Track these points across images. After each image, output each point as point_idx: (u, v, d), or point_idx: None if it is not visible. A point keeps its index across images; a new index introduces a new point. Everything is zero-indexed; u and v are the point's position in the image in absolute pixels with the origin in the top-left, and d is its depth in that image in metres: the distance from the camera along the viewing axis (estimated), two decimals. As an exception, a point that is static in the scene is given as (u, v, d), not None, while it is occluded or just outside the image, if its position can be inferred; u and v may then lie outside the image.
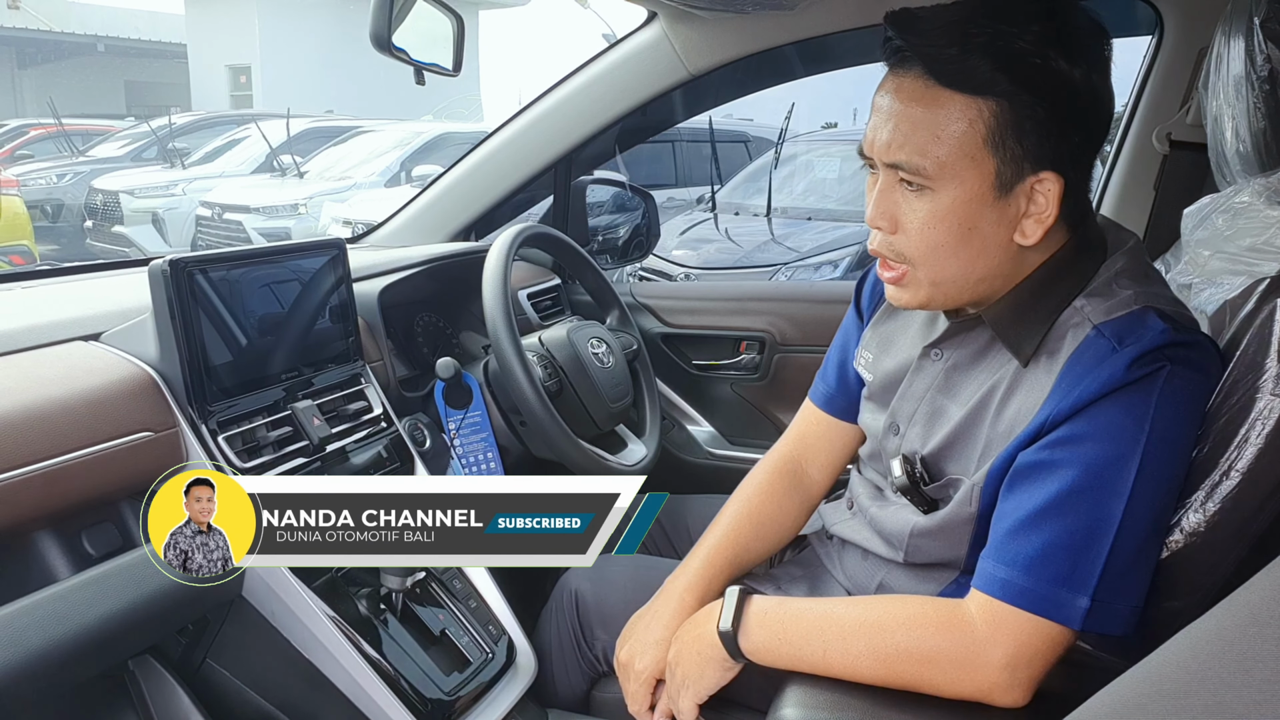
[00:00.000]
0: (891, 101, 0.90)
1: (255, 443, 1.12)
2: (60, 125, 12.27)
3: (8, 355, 1.02)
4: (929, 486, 0.98)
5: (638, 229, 2.04)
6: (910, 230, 0.91)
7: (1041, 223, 0.89)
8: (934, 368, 1.01)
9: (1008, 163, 0.87)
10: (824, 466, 1.24)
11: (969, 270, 0.92)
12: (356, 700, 1.08)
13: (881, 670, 0.88)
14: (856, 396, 1.17)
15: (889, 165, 0.91)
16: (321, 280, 1.27)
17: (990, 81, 0.85)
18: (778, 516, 1.20)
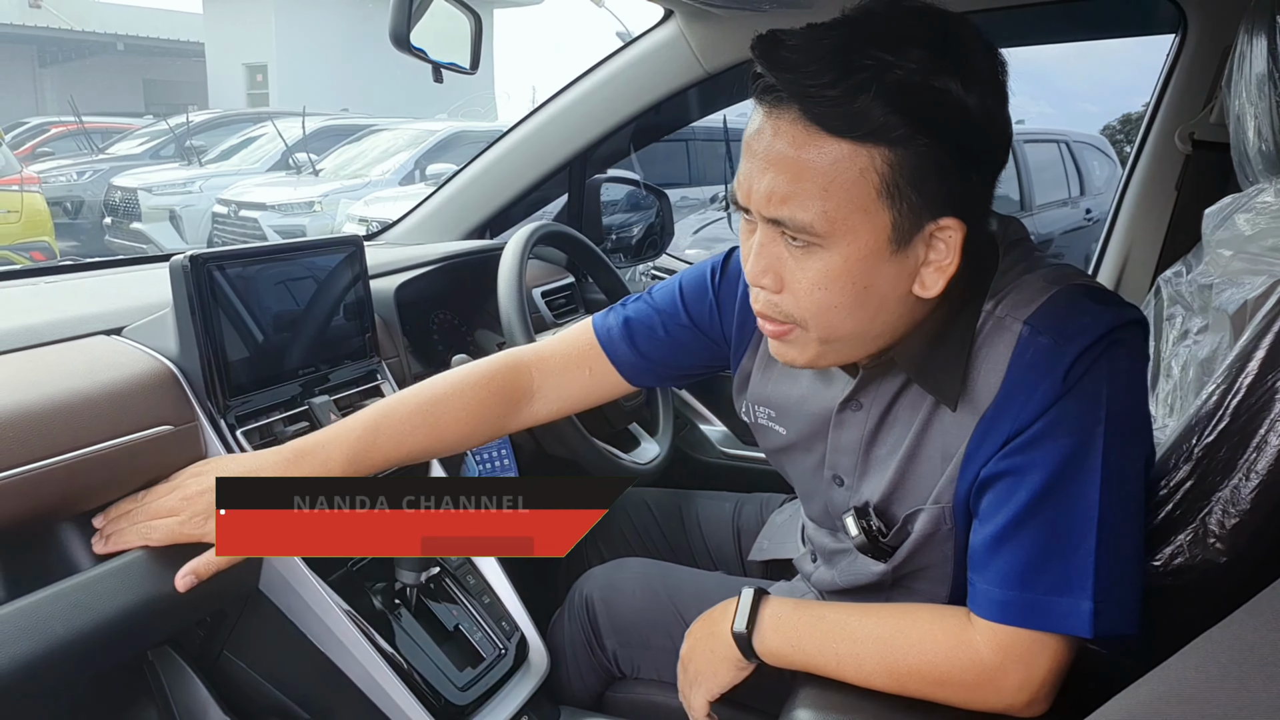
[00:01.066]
0: (769, 145, 0.78)
1: (273, 437, 1.13)
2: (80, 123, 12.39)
3: (33, 349, 1.03)
4: (887, 538, 0.93)
5: (651, 227, 2.04)
6: (799, 291, 0.82)
7: (943, 271, 0.81)
8: (857, 419, 0.94)
9: (904, 214, 0.78)
10: (557, 404, 1.15)
11: (865, 328, 0.84)
12: (371, 694, 1.09)
13: (895, 686, 0.87)
14: (654, 368, 1.12)
15: (769, 220, 0.81)
16: (339, 277, 1.28)
17: (883, 127, 0.74)
18: (463, 436, 1.10)
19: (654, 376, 1.15)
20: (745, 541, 1.41)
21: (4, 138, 8.94)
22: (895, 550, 0.93)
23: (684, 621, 1.08)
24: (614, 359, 1.13)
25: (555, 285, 1.84)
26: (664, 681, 1.18)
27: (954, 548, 0.90)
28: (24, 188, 8.32)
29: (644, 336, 1.12)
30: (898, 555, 0.93)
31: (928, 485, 0.89)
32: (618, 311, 1.14)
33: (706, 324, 1.09)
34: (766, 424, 1.05)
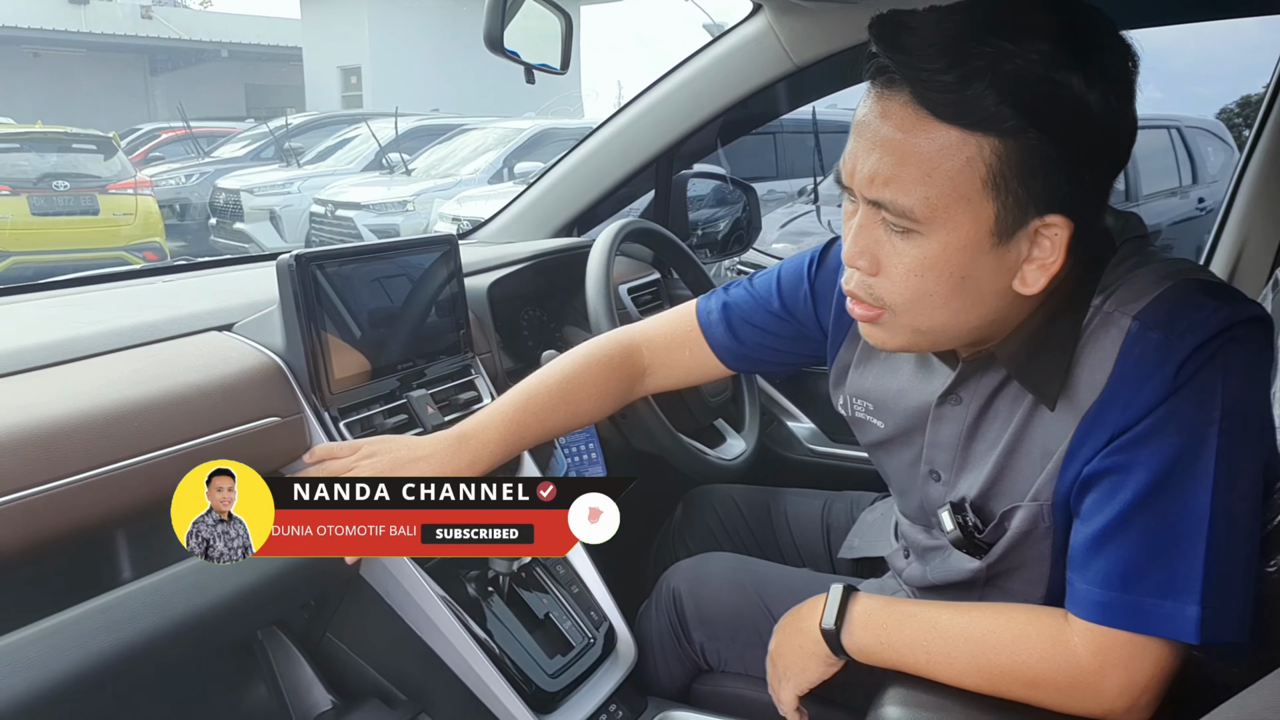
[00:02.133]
0: (877, 126, 0.78)
1: (373, 429, 1.17)
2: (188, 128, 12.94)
3: (152, 344, 1.09)
4: (982, 534, 0.91)
5: (738, 222, 2.04)
6: (894, 276, 0.81)
7: (1046, 270, 0.79)
8: (956, 413, 0.93)
9: (1009, 207, 0.76)
10: (666, 380, 1.21)
11: (960, 320, 0.82)
12: (465, 678, 1.13)
13: (986, 686, 0.85)
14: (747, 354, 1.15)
15: (871, 202, 0.80)
16: (434, 275, 1.32)
17: (994, 117, 0.73)
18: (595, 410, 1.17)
19: (747, 362, 1.18)
20: (835, 539, 1.41)
21: (120, 144, 9.42)
22: (990, 547, 0.91)
23: (771, 616, 1.08)
24: (711, 341, 1.16)
25: (641, 282, 1.86)
26: (751, 676, 1.19)
27: (1051, 546, 0.88)
28: (138, 191, 8.77)
29: (740, 322, 1.14)
30: (993, 552, 0.91)
31: (1026, 482, 0.87)
32: (719, 295, 1.17)
33: (802, 314, 1.10)
34: (864, 417, 1.04)
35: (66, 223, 8.27)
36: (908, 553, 1.07)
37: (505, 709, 1.11)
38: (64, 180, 8.35)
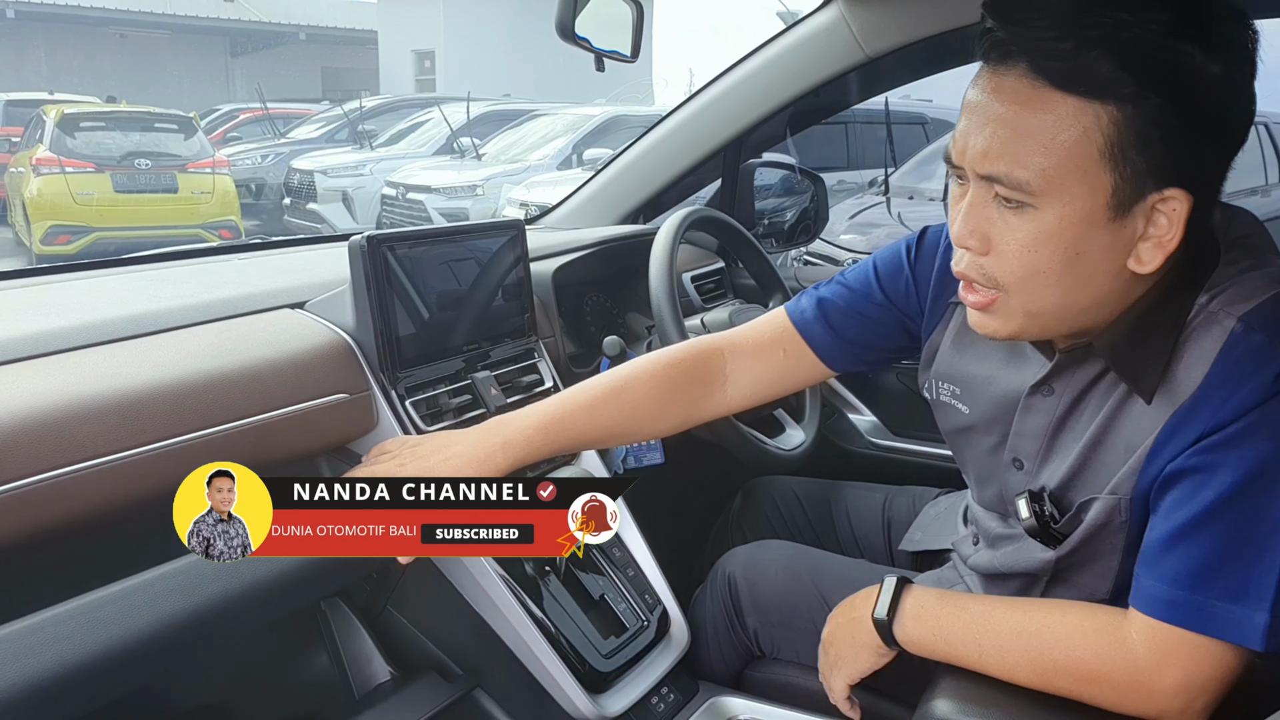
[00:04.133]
0: (990, 103, 0.78)
1: (438, 408, 1.20)
2: (266, 109, 13.24)
3: (227, 319, 1.13)
4: (1059, 524, 0.90)
5: (805, 212, 2.02)
6: (1006, 253, 0.80)
7: (1162, 247, 0.77)
8: (1046, 404, 0.92)
9: (1127, 179, 0.75)
10: (751, 389, 1.13)
11: (1072, 300, 0.81)
12: (521, 655, 1.15)
13: (1039, 681, 0.85)
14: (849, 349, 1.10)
15: (984, 177, 0.79)
16: (501, 259, 1.33)
17: (1112, 83, 0.73)
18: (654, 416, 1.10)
19: (850, 359, 1.13)
20: (895, 533, 1.40)
21: (200, 124, 9.69)
22: (1064, 538, 0.91)
23: (826, 605, 1.08)
24: (810, 340, 1.11)
25: (705, 270, 1.86)
26: (803, 664, 1.19)
27: (1124, 542, 0.87)
28: (215, 170, 9.02)
29: (839, 316, 1.10)
30: (1066, 544, 0.90)
31: (1107, 474, 0.86)
32: (810, 294, 1.13)
33: (903, 300, 1.07)
34: (949, 401, 1.03)
35: (147, 200, 8.55)
36: (978, 539, 1.07)
37: (559, 687, 1.13)
38: (146, 159, 8.63)
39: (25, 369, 0.93)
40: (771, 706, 1.17)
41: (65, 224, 8.17)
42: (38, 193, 8.23)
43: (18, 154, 9.40)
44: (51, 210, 8.18)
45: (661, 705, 1.20)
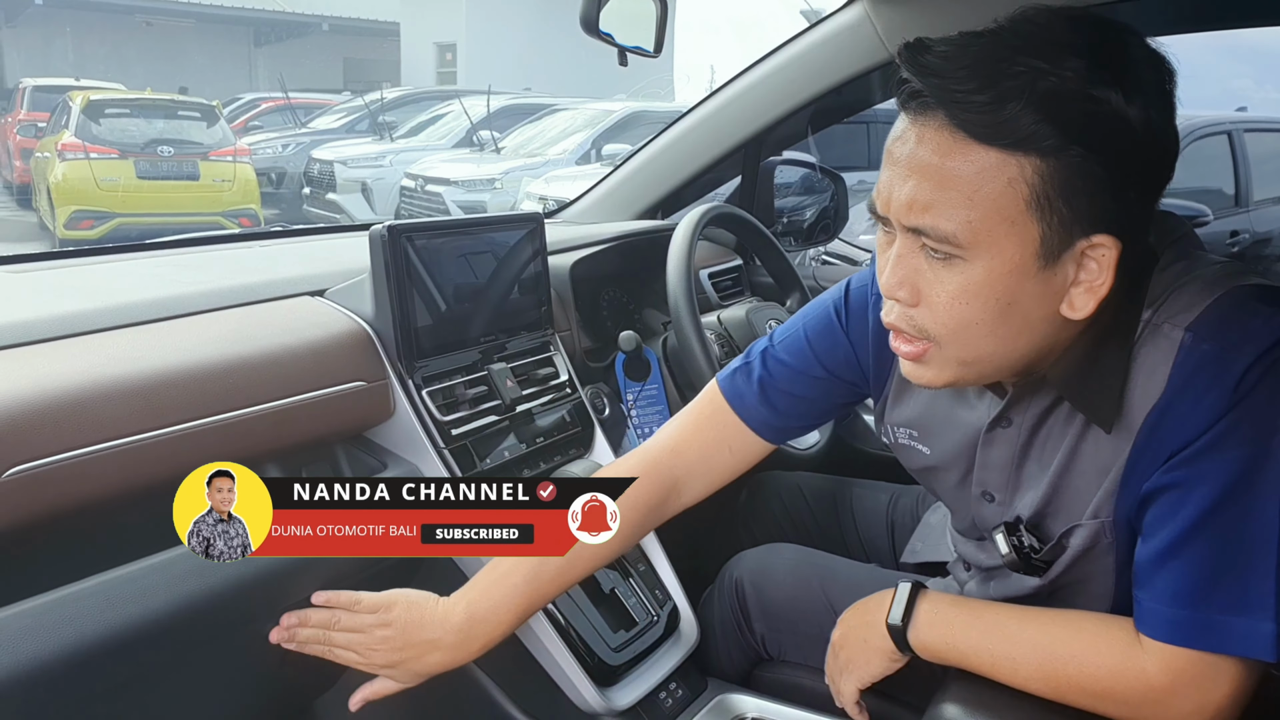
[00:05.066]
0: (912, 153, 0.76)
1: (454, 399, 1.21)
2: (287, 99, 13.30)
3: (248, 305, 1.14)
4: (1039, 554, 0.90)
5: (825, 211, 2.02)
6: (937, 305, 0.78)
7: (1094, 292, 0.77)
8: (1007, 435, 0.91)
9: (1054, 228, 0.74)
10: (703, 490, 1.11)
11: (1007, 349, 0.80)
12: (530, 645, 1.15)
13: (1051, 693, 0.85)
14: (796, 426, 1.09)
15: (909, 229, 0.78)
16: (520, 252, 1.34)
17: (1033, 135, 0.72)
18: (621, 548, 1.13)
19: (796, 430, 1.13)
20: (899, 536, 1.40)
21: (222, 112, 9.75)
22: (1049, 566, 0.90)
23: (834, 611, 1.08)
24: (753, 426, 1.08)
25: (723, 267, 1.86)
26: (810, 666, 1.19)
27: (1115, 562, 0.87)
28: (237, 159, 9.08)
29: (778, 396, 1.07)
30: (1052, 571, 0.90)
31: (1083, 500, 0.85)
32: (744, 373, 1.09)
33: (844, 370, 1.05)
34: (908, 444, 1.02)
35: (169, 187, 8.62)
36: (969, 565, 1.06)
37: (568, 678, 1.14)
38: (169, 146, 8.70)
39: (49, 350, 0.95)
40: (779, 705, 1.17)
41: (88, 209, 8.24)
42: (62, 178, 8.30)
43: (43, 139, 9.49)
44: (75, 195, 8.26)
45: (670, 700, 1.20)
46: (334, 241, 1.66)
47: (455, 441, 1.18)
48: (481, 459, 1.20)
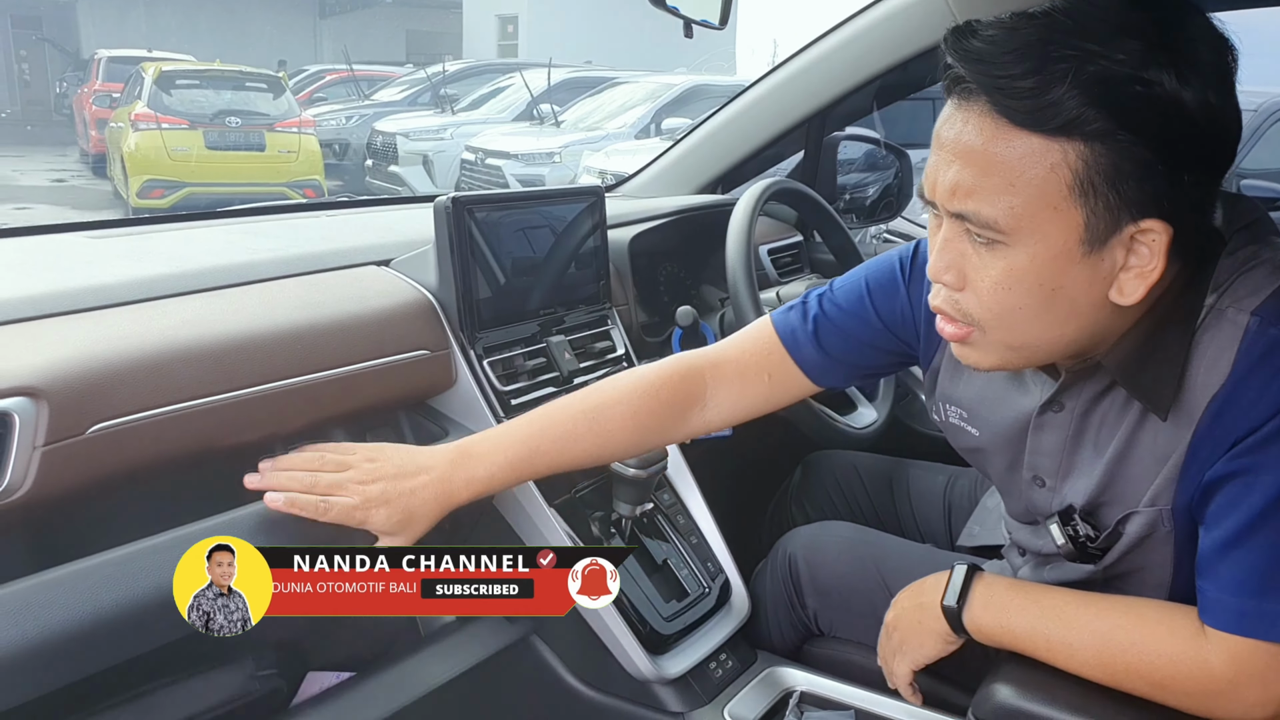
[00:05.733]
0: (956, 138, 0.76)
1: (514, 370, 1.22)
2: (351, 71, 13.44)
3: (316, 274, 1.17)
4: (1095, 543, 0.88)
5: (888, 188, 1.99)
6: (981, 290, 0.78)
7: (1144, 278, 0.75)
8: (1059, 420, 0.89)
9: (1100, 214, 0.73)
10: (730, 412, 1.08)
11: (1054, 334, 0.79)
12: (584, 612, 1.17)
13: (1108, 680, 0.84)
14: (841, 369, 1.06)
15: (954, 214, 0.78)
16: (579, 226, 1.35)
17: (1079, 120, 0.70)
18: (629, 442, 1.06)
19: (841, 376, 1.10)
20: (955, 518, 1.38)
21: (288, 84, 9.90)
22: (1104, 553, 0.89)
23: (888, 590, 1.08)
24: (799, 360, 1.07)
25: (782, 243, 1.85)
26: (862, 644, 1.19)
27: (1173, 551, 0.85)
28: (301, 130, 9.22)
29: (830, 336, 1.05)
30: (1108, 557, 0.89)
31: (1140, 488, 0.84)
32: (799, 310, 1.08)
33: (898, 324, 1.04)
34: (958, 424, 1.02)
35: (236, 157, 8.80)
36: (1023, 551, 1.05)
37: (619, 645, 1.15)
38: (236, 117, 8.87)
39: (127, 313, 0.98)
40: (830, 680, 1.18)
41: (160, 178, 8.46)
42: (135, 147, 8.52)
43: (118, 110, 9.75)
44: (147, 165, 8.48)
45: (720, 671, 1.22)
46: (398, 213, 1.69)
47: (514, 411, 1.19)
48: (539, 429, 1.21)
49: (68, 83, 17.44)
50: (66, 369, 0.84)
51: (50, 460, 0.81)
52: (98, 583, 0.82)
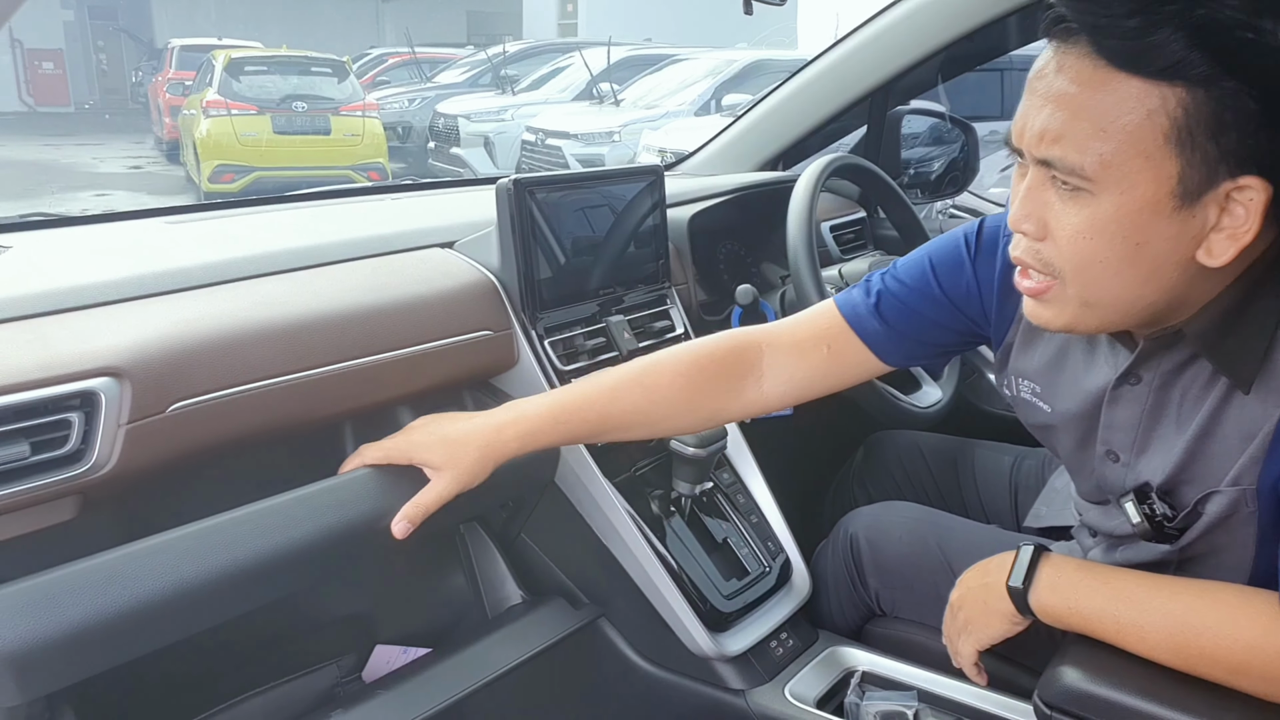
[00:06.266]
0: (1050, 83, 0.73)
1: (574, 349, 1.24)
2: (413, 54, 13.56)
3: (382, 256, 1.19)
4: (1173, 522, 0.86)
5: (954, 163, 1.96)
6: (1062, 239, 0.76)
7: (1236, 239, 0.72)
8: (1135, 393, 0.87)
9: (1196, 166, 0.70)
10: (788, 386, 1.06)
11: (1134, 293, 0.76)
12: (645, 589, 1.19)
13: (1180, 664, 0.81)
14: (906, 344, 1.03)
15: (1040, 161, 0.76)
16: (638, 205, 1.35)
17: (1182, 64, 0.67)
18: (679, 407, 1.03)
19: (905, 354, 1.07)
20: (1022, 499, 1.36)
21: (352, 68, 10.03)
22: (1181, 533, 0.87)
23: (952, 571, 1.07)
24: (861, 333, 1.05)
25: (845, 220, 1.83)
26: (925, 624, 1.18)
27: (1255, 533, 0.82)
28: (365, 113, 9.35)
29: (895, 312, 1.04)
30: (1185, 538, 0.86)
31: (1223, 466, 0.81)
32: (862, 288, 1.07)
33: (964, 300, 1.02)
34: (1030, 399, 0.99)
35: (303, 141, 8.96)
36: (1093, 532, 1.03)
37: (681, 622, 1.17)
38: (302, 101, 9.02)
39: (203, 295, 1.01)
40: (892, 660, 1.18)
41: (230, 163, 8.66)
42: (206, 133, 8.74)
43: (190, 97, 9.99)
44: (218, 150, 8.69)
45: (780, 649, 1.22)
46: (461, 195, 1.71)
47: (574, 390, 1.21)
48: (600, 408, 1.23)
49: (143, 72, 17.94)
50: (148, 350, 0.88)
51: (133, 437, 0.85)
52: (178, 555, 0.85)
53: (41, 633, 0.76)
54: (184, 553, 0.85)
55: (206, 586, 0.85)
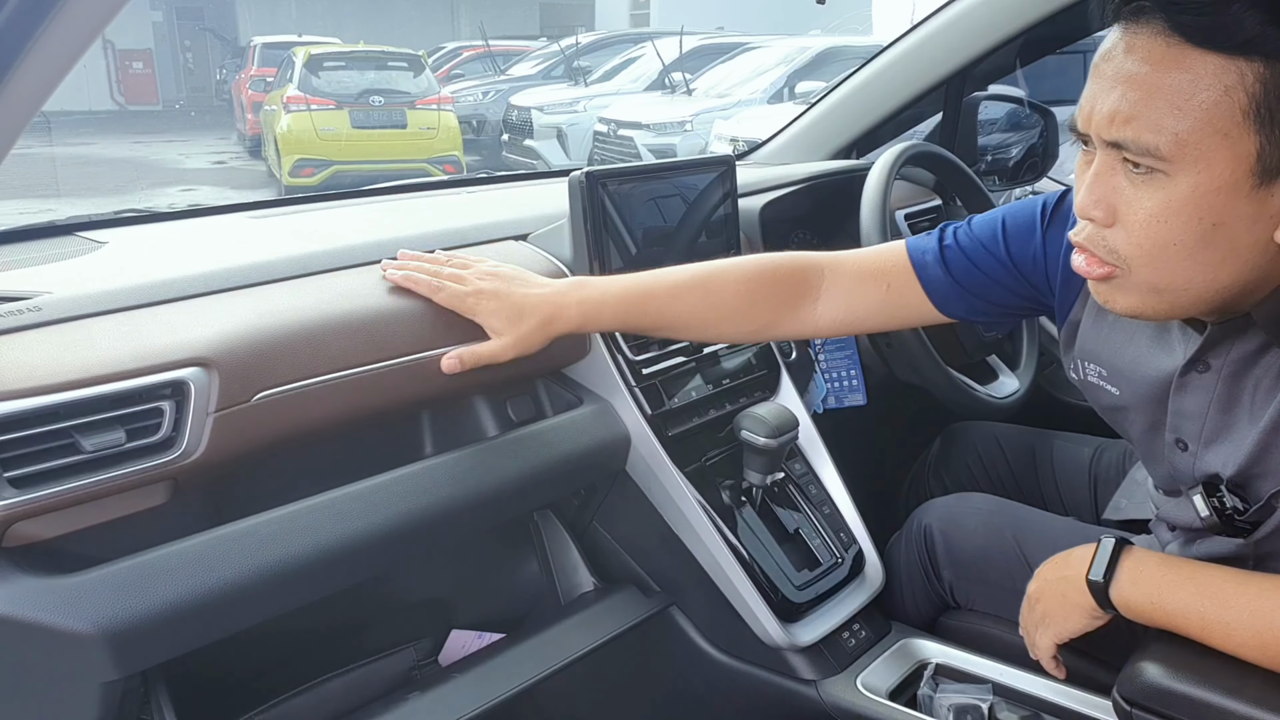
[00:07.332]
0: (1120, 65, 0.72)
1: (644, 340, 1.24)
2: (487, 47, 13.70)
3: (459, 248, 1.21)
4: (1244, 516, 0.83)
5: (1032, 149, 1.91)
6: (1133, 224, 0.74)
7: None
8: (1204, 381, 0.84)
9: (1276, 142, 0.68)
10: (842, 314, 1.07)
11: (1207, 278, 0.74)
12: (716, 578, 1.19)
13: (1268, 663, 0.79)
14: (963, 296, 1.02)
15: (1110, 144, 0.73)
16: (710, 195, 1.35)
17: (1259, 37, 0.66)
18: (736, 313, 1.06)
19: (963, 306, 1.06)
20: (1101, 491, 1.33)
21: (427, 61, 10.19)
22: (1255, 527, 0.84)
23: (1028, 564, 1.05)
24: (923, 279, 1.05)
25: (920, 208, 1.80)
26: (1000, 617, 1.16)
27: None
28: (440, 107, 9.49)
29: (959, 263, 1.04)
30: (1259, 532, 0.84)
31: None
32: (934, 235, 1.07)
33: (1028, 266, 1.01)
34: (1097, 382, 0.97)
35: (379, 135, 9.14)
36: (1171, 526, 1.00)
37: (752, 612, 1.17)
38: (379, 96, 9.20)
39: (286, 288, 1.05)
40: (966, 653, 1.16)
41: (310, 158, 8.89)
42: (287, 129, 8.97)
43: (271, 93, 10.27)
44: (299, 145, 8.92)
45: (852, 641, 1.22)
46: (534, 188, 1.73)
47: (645, 380, 1.22)
48: (669, 398, 1.23)
49: (227, 69, 18.51)
50: (234, 341, 0.91)
51: (221, 425, 0.88)
52: (263, 539, 0.88)
53: (136, 611, 0.79)
54: (269, 537, 0.89)
55: (290, 569, 0.89)
